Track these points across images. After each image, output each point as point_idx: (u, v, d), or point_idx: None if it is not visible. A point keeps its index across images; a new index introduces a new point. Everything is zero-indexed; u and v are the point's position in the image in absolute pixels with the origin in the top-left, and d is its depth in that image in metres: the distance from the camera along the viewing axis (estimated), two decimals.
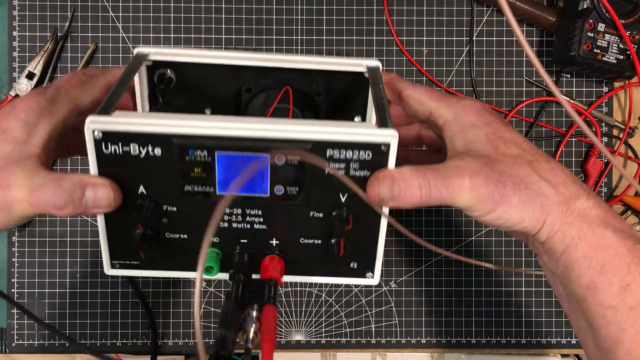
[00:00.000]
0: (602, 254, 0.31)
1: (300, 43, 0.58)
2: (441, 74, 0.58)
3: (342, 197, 0.33)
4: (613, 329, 0.31)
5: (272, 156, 0.31)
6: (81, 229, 0.57)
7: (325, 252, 0.35)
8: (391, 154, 0.31)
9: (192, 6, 0.57)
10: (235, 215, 0.34)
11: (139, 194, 0.32)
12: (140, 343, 0.57)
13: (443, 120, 0.35)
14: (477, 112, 0.34)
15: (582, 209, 0.32)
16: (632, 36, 0.53)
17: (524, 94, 0.59)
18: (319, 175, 0.32)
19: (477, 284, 0.58)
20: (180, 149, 0.31)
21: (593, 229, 0.32)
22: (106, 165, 0.31)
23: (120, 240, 0.34)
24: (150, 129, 0.30)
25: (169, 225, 0.34)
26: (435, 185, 0.31)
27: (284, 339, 0.58)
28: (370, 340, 0.58)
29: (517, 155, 0.33)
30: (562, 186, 0.32)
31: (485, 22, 0.58)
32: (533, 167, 0.33)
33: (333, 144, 0.31)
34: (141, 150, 0.31)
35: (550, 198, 0.32)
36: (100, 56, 0.57)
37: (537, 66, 0.24)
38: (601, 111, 0.59)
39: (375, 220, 0.34)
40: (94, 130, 0.30)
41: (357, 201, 0.32)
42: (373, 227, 0.34)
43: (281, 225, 0.34)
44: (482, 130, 0.33)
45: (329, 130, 0.31)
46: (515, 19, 0.23)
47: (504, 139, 0.33)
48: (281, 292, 0.58)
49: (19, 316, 0.57)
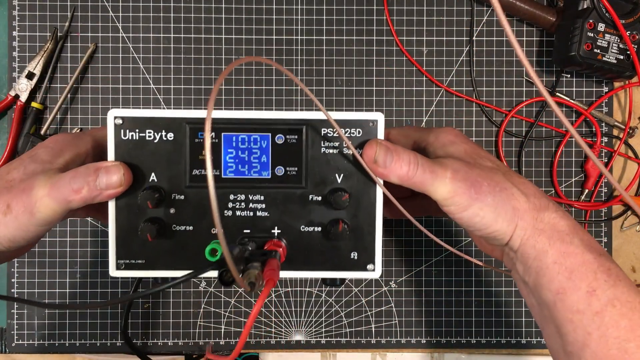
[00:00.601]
0: (570, 260, 0.33)
1: (300, 43, 0.58)
2: (441, 74, 0.58)
3: (338, 178, 0.36)
4: (580, 332, 0.32)
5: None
6: (81, 229, 0.57)
7: (325, 242, 0.37)
8: (379, 130, 0.36)
9: (192, 6, 0.57)
10: (239, 202, 0.36)
11: (150, 181, 0.35)
12: (140, 343, 0.57)
13: (426, 143, 0.39)
14: (456, 134, 0.39)
15: (552, 218, 0.34)
16: (632, 36, 0.53)
17: (524, 94, 0.59)
18: (316, 155, 0.36)
19: (477, 284, 0.58)
20: (191, 131, 0.35)
21: (562, 236, 0.34)
22: (123, 151, 0.35)
23: (129, 235, 0.36)
24: (165, 114, 0.35)
25: (176, 216, 0.36)
26: (422, 166, 0.34)
27: (284, 339, 0.58)
28: (370, 340, 0.58)
29: (492, 167, 0.36)
30: (532, 197, 0.35)
31: (485, 22, 0.58)
32: (507, 177, 0.35)
33: (327, 122, 0.35)
34: (155, 135, 0.35)
35: (522, 204, 0.34)
36: (100, 56, 0.57)
37: (528, 68, 0.24)
38: (601, 111, 0.59)
39: (372, 202, 0.36)
40: (115, 116, 0.35)
41: (353, 182, 0.36)
42: (370, 209, 0.36)
43: (282, 211, 0.36)
44: (461, 146, 0.37)
45: (322, 114, 0.35)
46: (506, 17, 0.23)
47: (480, 155, 0.37)
48: (281, 292, 0.58)
49: (19, 316, 0.57)
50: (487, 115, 0.58)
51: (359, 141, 0.36)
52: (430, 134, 0.40)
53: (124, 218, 0.36)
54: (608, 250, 0.59)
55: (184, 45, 0.57)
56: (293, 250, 0.37)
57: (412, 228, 0.58)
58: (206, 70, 0.57)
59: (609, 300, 0.32)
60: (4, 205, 0.33)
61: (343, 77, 0.58)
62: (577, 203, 0.58)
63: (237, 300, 0.58)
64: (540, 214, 0.34)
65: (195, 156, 0.35)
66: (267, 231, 0.36)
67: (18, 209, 0.33)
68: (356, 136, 0.36)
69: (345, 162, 0.36)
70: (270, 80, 0.58)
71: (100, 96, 0.57)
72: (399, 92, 0.58)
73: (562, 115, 0.26)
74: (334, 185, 0.36)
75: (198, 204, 0.36)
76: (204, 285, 0.58)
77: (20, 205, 0.33)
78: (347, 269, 0.37)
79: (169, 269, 0.37)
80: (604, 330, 0.31)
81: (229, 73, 0.57)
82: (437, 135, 0.39)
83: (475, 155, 0.37)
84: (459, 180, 0.33)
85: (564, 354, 0.34)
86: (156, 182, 0.35)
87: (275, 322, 0.58)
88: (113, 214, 0.36)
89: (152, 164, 0.35)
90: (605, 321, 0.32)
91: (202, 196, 0.36)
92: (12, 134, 0.55)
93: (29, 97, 0.56)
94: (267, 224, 0.36)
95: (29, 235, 0.34)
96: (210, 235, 0.36)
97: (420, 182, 0.34)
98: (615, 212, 0.59)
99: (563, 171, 0.59)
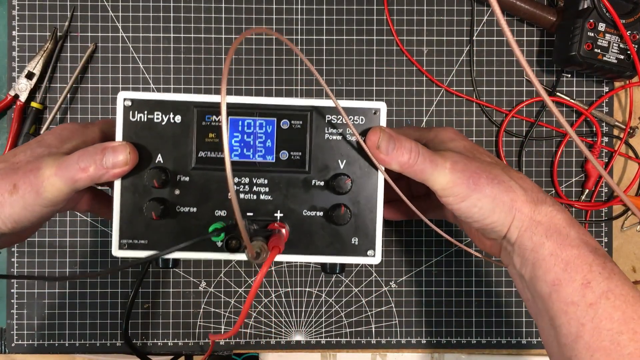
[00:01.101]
0: (566, 252, 0.33)
1: (300, 43, 0.58)
2: (441, 74, 0.58)
3: (341, 164, 0.37)
4: (574, 324, 0.32)
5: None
6: (80, 229, 0.57)
7: (327, 227, 0.37)
8: (382, 119, 0.37)
9: (192, 6, 0.57)
10: (243, 185, 0.37)
11: (157, 162, 0.36)
12: (140, 343, 0.57)
13: (425, 140, 0.40)
14: (454, 132, 0.40)
15: (549, 211, 0.35)
16: (632, 36, 0.53)
17: (524, 94, 0.58)
18: (320, 141, 0.37)
19: (477, 284, 0.58)
20: (199, 114, 0.36)
21: (559, 229, 0.34)
22: (131, 132, 0.36)
23: (133, 215, 0.36)
24: (174, 97, 0.36)
25: (181, 197, 0.37)
26: (423, 155, 0.34)
27: (284, 339, 0.58)
28: (370, 340, 0.58)
29: (491, 162, 0.37)
30: (530, 191, 0.35)
31: (485, 22, 0.58)
32: (505, 171, 0.36)
33: (332, 109, 0.36)
34: (164, 117, 0.36)
35: (520, 197, 0.35)
36: (99, 56, 0.57)
37: (526, 68, 0.24)
38: (602, 111, 0.59)
39: (373, 188, 0.37)
40: (124, 98, 0.36)
41: (355, 168, 0.37)
42: (371, 196, 0.37)
43: (285, 196, 0.37)
44: (460, 142, 0.38)
45: (328, 101, 0.37)
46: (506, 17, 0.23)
47: (479, 151, 0.38)
48: (281, 292, 0.58)
49: (19, 316, 0.57)
50: (488, 115, 0.58)
51: (362, 129, 0.37)
52: (430, 132, 0.40)
53: (128, 198, 0.36)
54: (608, 251, 0.59)
55: (184, 45, 0.57)
56: (295, 234, 0.37)
57: (412, 228, 0.58)
58: (206, 70, 0.57)
59: (603, 293, 0.32)
60: (10, 185, 0.33)
61: (343, 77, 0.58)
62: (577, 203, 0.58)
63: (237, 300, 0.58)
64: (537, 207, 0.35)
65: (202, 138, 0.36)
66: (270, 215, 0.37)
67: (25, 188, 0.33)
68: (359, 124, 0.37)
69: (348, 148, 0.37)
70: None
71: (100, 96, 0.57)
72: (399, 92, 0.58)
73: (560, 115, 0.26)
74: (336, 170, 0.37)
75: (203, 185, 0.37)
76: (204, 285, 0.58)
77: (27, 185, 0.33)
78: (348, 254, 0.38)
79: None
80: (597, 322, 0.32)
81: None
82: (437, 133, 0.40)
83: (474, 150, 0.38)
84: (458, 170, 0.34)
85: (557, 346, 0.34)
86: (162, 163, 0.36)
87: (275, 322, 0.58)
88: (119, 193, 0.36)
89: (159, 145, 0.36)
90: (599, 313, 0.32)
91: (207, 178, 0.36)
92: (12, 133, 0.55)
93: (28, 97, 0.56)
94: (270, 208, 0.37)
95: (34, 216, 0.34)
96: (213, 217, 0.37)
97: (420, 171, 0.34)
98: (615, 212, 0.59)
99: (563, 171, 0.59)
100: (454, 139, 0.39)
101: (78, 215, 0.57)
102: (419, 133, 0.41)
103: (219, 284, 0.58)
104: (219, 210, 0.37)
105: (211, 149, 0.36)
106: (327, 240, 0.37)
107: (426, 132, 0.41)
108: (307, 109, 0.36)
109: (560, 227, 0.34)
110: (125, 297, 0.57)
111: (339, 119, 0.37)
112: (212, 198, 0.37)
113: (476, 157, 0.37)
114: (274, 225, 0.36)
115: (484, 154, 0.38)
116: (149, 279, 0.57)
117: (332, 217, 0.36)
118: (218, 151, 0.36)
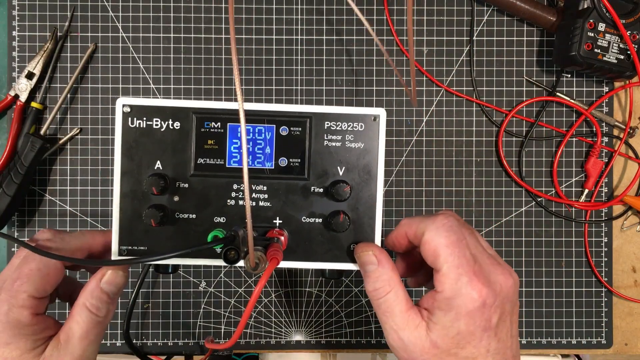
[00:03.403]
0: None
1: (300, 43, 0.58)
2: (441, 74, 0.58)
3: (340, 170, 0.37)
4: None
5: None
6: (80, 229, 0.57)
7: (326, 233, 0.37)
8: (381, 126, 0.37)
9: (192, 6, 0.57)
10: (242, 192, 0.37)
11: (156, 169, 0.36)
12: (140, 343, 0.57)
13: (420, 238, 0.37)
14: (446, 243, 0.36)
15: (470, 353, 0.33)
16: (632, 36, 0.53)
17: (524, 94, 0.58)
18: (319, 147, 0.37)
19: None
20: (198, 120, 0.36)
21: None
22: (129, 139, 0.36)
23: (132, 222, 0.36)
24: (173, 103, 0.36)
25: (180, 204, 0.37)
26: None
27: (284, 339, 0.58)
28: (370, 340, 0.58)
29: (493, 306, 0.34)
30: (494, 353, 0.34)
31: (485, 22, 0.58)
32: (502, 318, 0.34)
33: (331, 115, 0.36)
34: (162, 124, 0.36)
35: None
36: (99, 56, 0.57)
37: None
38: (601, 111, 0.59)
39: (372, 195, 0.37)
40: (123, 104, 0.36)
41: (354, 175, 0.37)
42: (370, 203, 0.37)
43: (284, 202, 0.37)
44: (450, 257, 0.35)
45: (327, 107, 0.37)
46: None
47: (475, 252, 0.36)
48: (281, 292, 0.58)
49: None
50: (488, 115, 0.58)
51: (361, 135, 0.37)
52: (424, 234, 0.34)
53: (128, 204, 0.36)
54: (608, 251, 0.59)
55: (184, 45, 0.57)
56: (294, 241, 0.37)
57: None
58: (206, 70, 0.57)
59: None
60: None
61: (343, 76, 0.58)
62: (577, 203, 0.58)
63: (237, 300, 0.58)
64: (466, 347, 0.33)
65: (201, 145, 0.36)
66: (269, 221, 0.37)
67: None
68: (359, 130, 0.37)
69: (347, 155, 0.37)
70: (270, 76, 0.58)
71: (100, 96, 0.57)
72: (399, 91, 0.58)
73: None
74: (335, 177, 0.37)
75: (202, 192, 0.37)
76: (204, 285, 0.58)
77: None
78: (347, 261, 0.38)
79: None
80: None
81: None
82: (424, 244, 0.34)
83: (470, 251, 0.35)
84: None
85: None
86: (161, 169, 0.36)
87: (275, 322, 0.58)
88: (118, 200, 0.36)
89: (158, 152, 0.36)
90: None
91: (206, 185, 0.36)
92: (12, 133, 0.55)
93: (28, 97, 0.55)
94: (269, 214, 0.37)
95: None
96: (212, 223, 0.37)
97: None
98: (615, 212, 0.59)
99: (563, 171, 0.59)
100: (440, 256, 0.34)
101: (78, 215, 0.57)
102: (413, 231, 0.36)
103: (219, 284, 0.58)
104: (218, 217, 0.37)
105: (210, 155, 0.36)
106: (326, 246, 0.37)
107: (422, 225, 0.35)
108: (306, 116, 0.36)
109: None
110: (125, 297, 0.57)
111: (338, 126, 0.37)
112: (211, 205, 0.37)
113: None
114: (273, 232, 0.36)
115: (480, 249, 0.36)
116: (149, 279, 0.57)
117: (331, 224, 0.36)
118: (217, 158, 0.36)
